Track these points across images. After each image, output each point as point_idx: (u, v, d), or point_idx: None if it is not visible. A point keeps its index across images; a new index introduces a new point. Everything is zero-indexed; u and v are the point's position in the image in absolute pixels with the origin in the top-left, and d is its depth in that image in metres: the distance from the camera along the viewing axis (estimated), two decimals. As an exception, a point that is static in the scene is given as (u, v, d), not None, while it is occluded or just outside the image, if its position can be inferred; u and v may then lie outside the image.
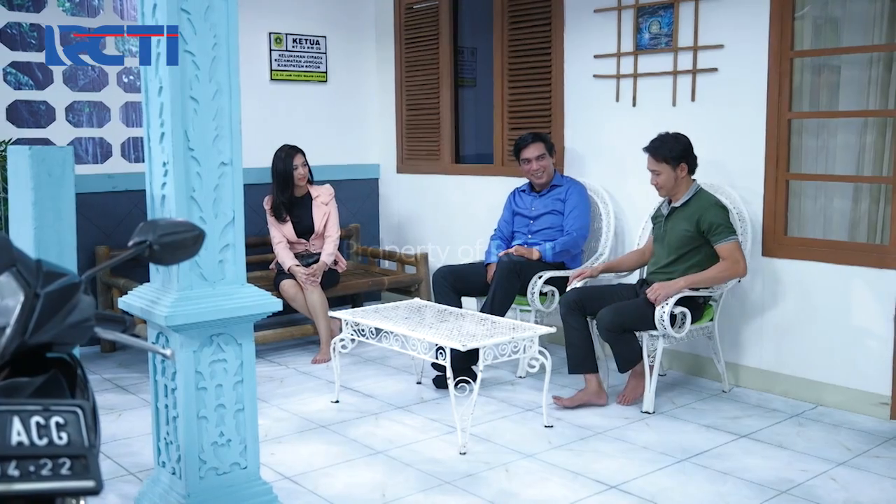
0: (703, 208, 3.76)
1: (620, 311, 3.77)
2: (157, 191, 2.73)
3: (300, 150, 5.02)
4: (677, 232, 3.83)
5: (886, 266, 3.65)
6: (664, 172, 3.80)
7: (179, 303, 2.61)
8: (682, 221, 3.82)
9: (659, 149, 3.80)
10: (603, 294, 3.97)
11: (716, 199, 3.81)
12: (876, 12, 3.73)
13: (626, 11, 4.46)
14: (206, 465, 2.73)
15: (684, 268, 3.82)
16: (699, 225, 3.75)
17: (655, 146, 3.82)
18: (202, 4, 2.63)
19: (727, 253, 3.72)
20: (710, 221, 3.72)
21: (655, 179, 3.84)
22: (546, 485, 3.08)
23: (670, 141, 3.80)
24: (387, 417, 3.83)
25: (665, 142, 3.80)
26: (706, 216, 3.73)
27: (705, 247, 3.78)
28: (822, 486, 3.04)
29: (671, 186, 3.82)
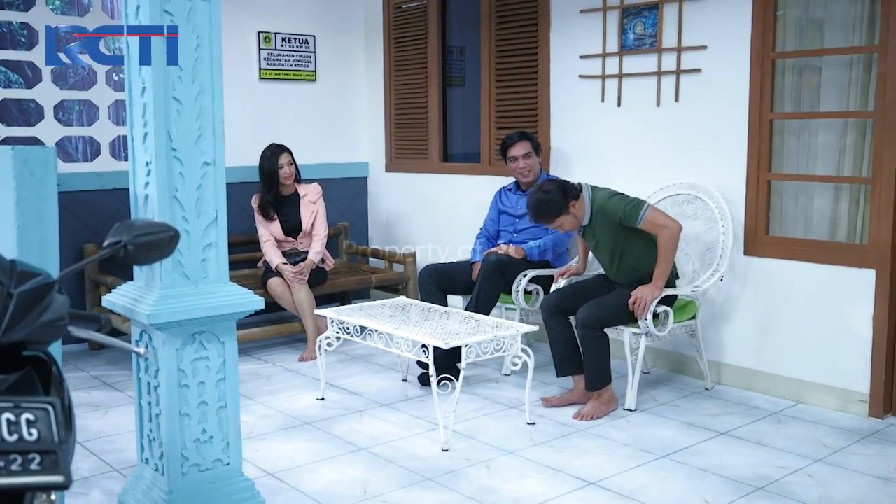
0: (605, 210, 3.77)
1: (600, 306, 3.79)
2: (140, 190, 2.76)
3: (286, 148, 5.05)
4: (605, 238, 3.85)
5: (865, 265, 3.70)
6: (566, 222, 3.81)
7: (162, 301, 2.63)
8: (602, 231, 3.84)
9: (544, 214, 3.78)
10: (580, 291, 3.98)
11: (607, 193, 3.82)
12: (856, 14, 3.77)
13: (612, 12, 4.49)
14: (189, 461, 2.76)
15: (636, 258, 3.84)
16: (613, 223, 3.77)
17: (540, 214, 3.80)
18: (185, 6, 2.66)
19: (650, 225, 3.72)
20: (619, 215, 3.74)
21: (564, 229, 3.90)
22: (526, 481, 3.12)
23: (544, 202, 3.76)
24: (371, 415, 3.86)
25: (542, 205, 3.76)
26: (613, 213, 3.75)
27: (636, 231, 3.77)
28: (798, 483, 3.09)
29: (578, 223, 3.85)
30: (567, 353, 3.93)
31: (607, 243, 3.87)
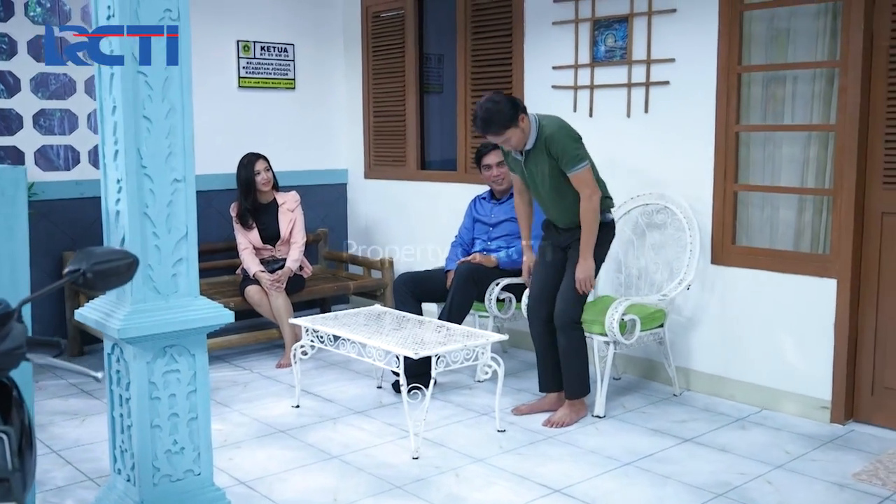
0: (551, 140, 3.65)
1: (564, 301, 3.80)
2: (111, 206, 2.81)
3: (263, 156, 5.11)
4: (545, 172, 3.71)
5: (826, 275, 3.79)
6: (513, 136, 3.65)
7: (132, 316, 2.69)
8: (542, 162, 3.70)
9: (493, 124, 3.61)
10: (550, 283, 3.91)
11: (555, 123, 3.71)
12: (819, 29, 3.86)
13: (583, 24, 4.57)
14: (160, 472, 2.82)
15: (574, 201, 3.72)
16: (552, 159, 3.68)
17: (488, 124, 3.62)
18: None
19: (579, 181, 3.67)
20: (559, 150, 3.64)
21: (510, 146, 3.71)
22: (493, 489, 3.19)
23: (494, 112, 3.60)
24: (345, 422, 3.93)
25: (492, 114, 3.60)
26: (556, 146, 3.65)
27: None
28: (757, 489, 3.17)
29: (525, 139, 3.69)
30: (554, 369, 3.97)
31: (546, 177, 3.74)
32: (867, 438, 3.67)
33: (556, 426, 3.81)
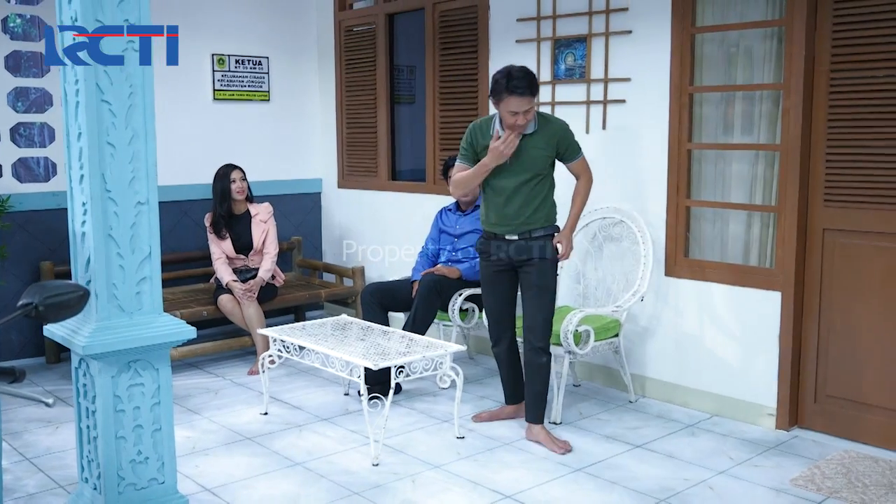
0: (560, 130, 3.77)
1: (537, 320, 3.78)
2: (77, 228, 2.94)
3: (239, 167, 5.25)
4: (535, 158, 3.74)
5: (772, 287, 3.96)
6: (533, 109, 3.69)
7: (97, 333, 2.82)
8: (540, 147, 3.74)
9: (534, 86, 3.65)
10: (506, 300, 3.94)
11: (564, 121, 3.86)
12: (766, 52, 4.02)
13: (545, 43, 4.72)
14: (125, 481, 2.95)
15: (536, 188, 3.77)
16: (558, 147, 3.77)
17: (531, 83, 3.63)
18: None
19: (582, 166, 3.86)
20: (568, 143, 3.79)
21: (524, 118, 3.64)
22: (447, 494, 3.34)
23: (533, 75, 3.67)
24: (310, 429, 4.07)
25: (533, 78, 3.65)
26: (565, 138, 3.78)
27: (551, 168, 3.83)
28: (698, 495, 3.33)
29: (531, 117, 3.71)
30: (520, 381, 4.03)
31: (534, 166, 3.74)
32: (809, 444, 3.84)
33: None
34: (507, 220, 3.82)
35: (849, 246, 3.79)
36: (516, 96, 3.59)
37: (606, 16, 4.43)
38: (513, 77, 3.61)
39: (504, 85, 3.61)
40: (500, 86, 3.63)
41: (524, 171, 3.76)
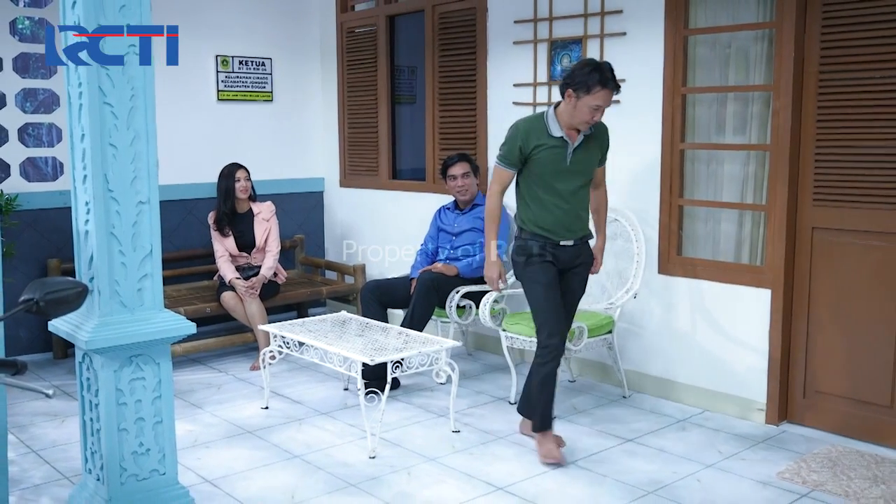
0: (607, 133, 3.73)
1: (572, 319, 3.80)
2: (81, 227, 3.04)
3: (244, 166, 5.35)
4: (590, 161, 3.67)
5: (762, 285, 4.03)
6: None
7: (100, 328, 2.92)
8: (594, 149, 3.67)
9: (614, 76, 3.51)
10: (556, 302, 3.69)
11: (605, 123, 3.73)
12: (757, 54, 4.08)
13: (541, 45, 4.79)
14: (127, 472, 3.05)
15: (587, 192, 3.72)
16: (602, 149, 3.74)
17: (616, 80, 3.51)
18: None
19: (603, 174, 3.86)
20: (608, 147, 3.75)
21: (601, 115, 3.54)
22: (441, 486, 3.43)
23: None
24: (310, 423, 4.16)
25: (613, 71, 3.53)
26: (607, 141, 3.75)
27: None
28: (686, 487, 3.41)
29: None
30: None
31: (588, 169, 3.66)
32: (797, 439, 3.91)
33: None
34: (566, 226, 3.66)
35: (837, 244, 3.86)
36: (608, 90, 3.45)
37: (601, 18, 4.50)
38: (604, 70, 3.46)
39: (598, 78, 3.42)
40: (592, 78, 3.43)
41: (582, 175, 3.66)
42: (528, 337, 4.25)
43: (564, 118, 3.56)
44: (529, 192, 3.67)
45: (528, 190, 3.67)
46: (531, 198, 3.67)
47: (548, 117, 3.60)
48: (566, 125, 3.56)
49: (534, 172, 3.62)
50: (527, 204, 3.69)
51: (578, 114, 3.50)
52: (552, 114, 3.59)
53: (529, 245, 3.67)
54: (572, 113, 3.52)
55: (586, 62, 3.55)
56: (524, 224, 3.70)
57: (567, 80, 3.51)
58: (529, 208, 3.68)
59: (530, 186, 3.65)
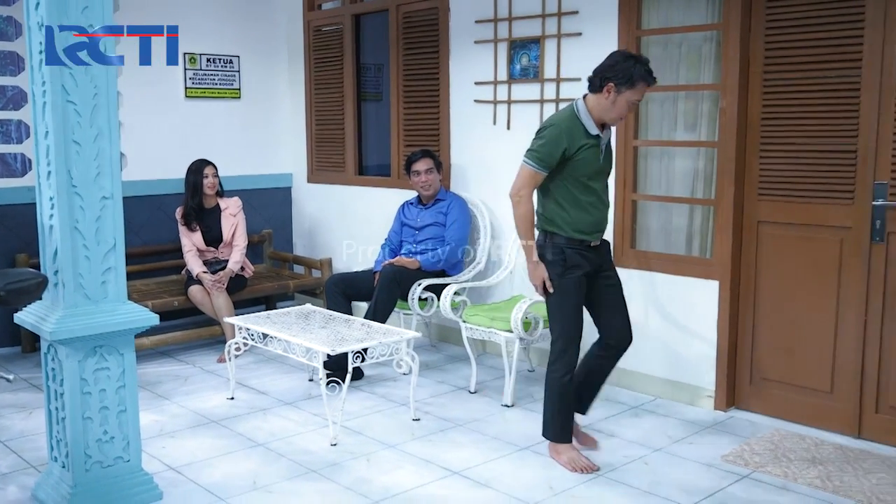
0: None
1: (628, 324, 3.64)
2: (46, 221, 3.13)
3: (212, 163, 5.43)
4: (610, 156, 3.58)
5: (711, 277, 4.19)
6: None
7: (64, 319, 3.01)
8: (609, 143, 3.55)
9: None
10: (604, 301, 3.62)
11: None
12: (705, 54, 4.24)
13: (501, 44, 4.92)
14: (92, 459, 3.14)
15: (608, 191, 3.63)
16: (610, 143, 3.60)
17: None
18: (83, 60, 3.02)
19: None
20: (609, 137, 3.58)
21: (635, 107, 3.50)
22: (399, 472, 3.55)
23: None
24: (274, 413, 4.27)
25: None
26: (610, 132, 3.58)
27: None
28: (635, 470, 3.56)
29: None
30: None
31: (609, 167, 3.54)
32: (743, 424, 4.08)
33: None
34: (600, 225, 3.55)
35: (781, 237, 4.02)
36: (648, 84, 3.34)
37: (558, 18, 4.64)
38: (645, 63, 3.34)
39: (642, 71, 3.30)
40: (637, 72, 3.29)
41: (607, 172, 3.58)
42: (486, 328, 4.38)
43: (597, 113, 3.39)
44: (565, 195, 3.44)
45: (563, 192, 3.44)
46: (567, 200, 3.45)
47: (581, 114, 3.40)
48: (597, 121, 3.41)
49: (572, 174, 3.41)
50: (561, 207, 3.46)
51: (616, 109, 3.35)
52: (584, 110, 3.41)
53: (567, 253, 3.46)
54: (609, 108, 3.36)
55: (624, 54, 3.39)
56: (558, 228, 3.47)
57: (607, 72, 3.32)
58: (566, 211, 3.45)
59: (567, 188, 3.43)
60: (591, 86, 3.40)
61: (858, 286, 3.78)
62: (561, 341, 3.55)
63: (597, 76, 3.37)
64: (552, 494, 3.33)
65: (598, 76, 3.36)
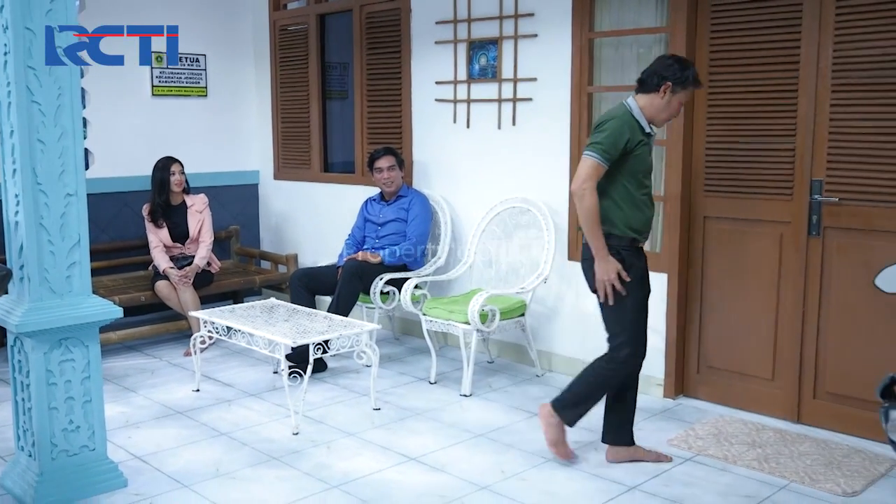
0: None
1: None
2: (11, 218, 3.22)
3: (178, 160, 5.52)
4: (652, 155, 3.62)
5: (660, 270, 4.36)
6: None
7: (30, 313, 3.11)
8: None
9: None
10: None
11: None
12: (654, 56, 4.39)
13: (461, 45, 5.07)
14: (58, 448, 3.25)
15: None
16: None
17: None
18: (47, 62, 3.11)
19: None
20: None
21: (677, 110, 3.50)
22: (358, 458, 3.69)
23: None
24: (238, 404, 4.39)
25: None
26: None
27: None
28: (584, 454, 3.72)
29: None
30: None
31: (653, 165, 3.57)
32: (691, 410, 4.26)
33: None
34: (650, 224, 3.54)
35: (725, 232, 4.21)
36: (696, 88, 3.47)
37: (515, 20, 4.79)
38: (695, 68, 3.44)
39: (693, 75, 3.40)
40: (690, 74, 3.40)
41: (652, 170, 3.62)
42: (444, 320, 4.53)
43: (649, 112, 3.42)
44: (622, 192, 3.41)
45: (620, 189, 3.41)
46: (624, 198, 3.42)
47: (635, 112, 3.42)
48: (649, 120, 3.43)
49: (630, 170, 3.40)
50: (617, 205, 3.42)
51: (668, 109, 3.42)
52: (637, 108, 3.43)
53: (623, 254, 3.43)
54: (663, 107, 3.41)
55: (676, 58, 3.47)
56: (614, 227, 3.41)
57: (665, 72, 3.38)
58: (622, 209, 3.42)
59: (624, 186, 3.41)
60: (644, 86, 3.44)
61: (797, 278, 3.98)
62: (629, 347, 3.51)
63: (653, 76, 3.41)
64: (504, 478, 3.48)
65: (655, 76, 3.41)
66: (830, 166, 3.82)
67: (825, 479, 3.44)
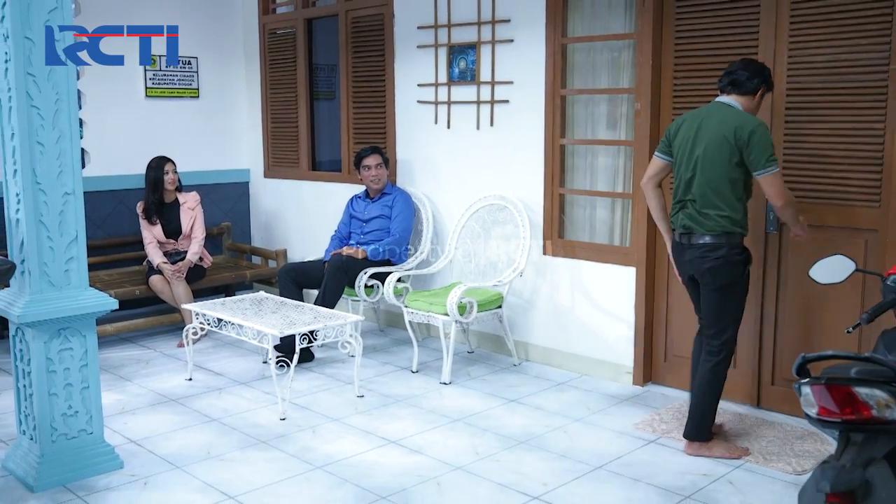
0: None
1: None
2: (13, 215, 3.44)
3: (171, 160, 5.74)
4: None
5: (629, 264, 4.59)
6: None
7: (31, 304, 3.33)
8: None
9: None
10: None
11: None
12: (624, 60, 4.63)
13: (441, 49, 5.29)
14: (57, 431, 3.47)
15: None
16: None
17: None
18: (45, 68, 3.32)
19: None
20: None
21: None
22: (340, 442, 3.91)
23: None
24: (229, 392, 4.61)
25: None
26: None
27: None
28: (553, 437, 3.95)
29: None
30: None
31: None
32: (658, 397, 4.49)
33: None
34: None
35: (690, 227, 4.43)
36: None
37: (492, 26, 5.00)
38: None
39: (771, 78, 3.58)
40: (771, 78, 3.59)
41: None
42: (425, 312, 4.76)
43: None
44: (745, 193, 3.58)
45: (745, 190, 3.57)
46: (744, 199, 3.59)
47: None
48: None
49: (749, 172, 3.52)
50: (743, 204, 3.58)
51: (758, 109, 3.60)
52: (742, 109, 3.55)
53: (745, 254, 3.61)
54: (754, 109, 3.57)
55: (757, 62, 3.60)
56: (737, 226, 3.56)
57: (763, 77, 3.54)
58: (744, 208, 3.60)
59: (748, 186, 3.57)
60: (741, 87, 3.54)
61: (756, 271, 4.20)
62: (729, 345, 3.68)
63: (752, 79, 3.53)
64: (478, 459, 3.71)
65: (754, 79, 3.53)
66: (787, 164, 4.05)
67: (778, 459, 3.67)
